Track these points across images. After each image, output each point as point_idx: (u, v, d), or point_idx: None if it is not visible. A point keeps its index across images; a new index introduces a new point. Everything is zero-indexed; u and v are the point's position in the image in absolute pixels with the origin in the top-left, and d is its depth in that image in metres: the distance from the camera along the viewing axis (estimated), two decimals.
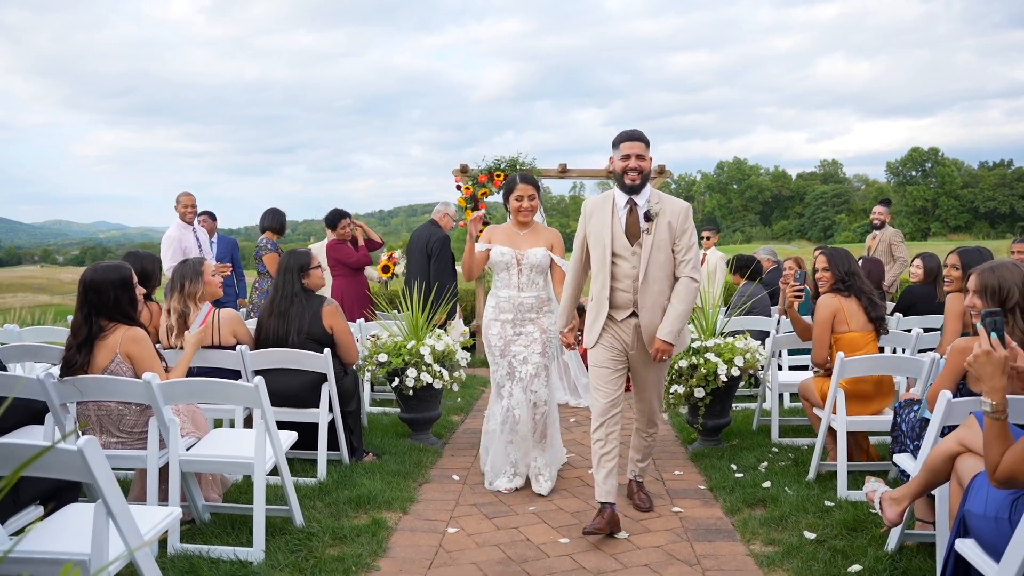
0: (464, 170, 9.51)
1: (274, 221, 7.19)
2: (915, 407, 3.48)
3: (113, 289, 3.39)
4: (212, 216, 7.98)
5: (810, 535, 3.50)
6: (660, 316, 3.71)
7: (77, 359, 3.36)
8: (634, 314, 3.74)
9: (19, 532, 2.75)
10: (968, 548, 2.31)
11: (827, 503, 3.88)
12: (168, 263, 6.75)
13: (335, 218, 7.39)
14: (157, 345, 3.92)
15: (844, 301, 4.39)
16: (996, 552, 2.10)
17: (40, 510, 2.77)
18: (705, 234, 9.30)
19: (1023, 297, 2.69)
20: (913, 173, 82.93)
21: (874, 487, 2.95)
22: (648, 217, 3.69)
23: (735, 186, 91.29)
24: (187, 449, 3.46)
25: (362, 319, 6.33)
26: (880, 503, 2.82)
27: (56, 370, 3.48)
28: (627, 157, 3.72)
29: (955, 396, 2.93)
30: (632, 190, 3.73)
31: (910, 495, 2.76)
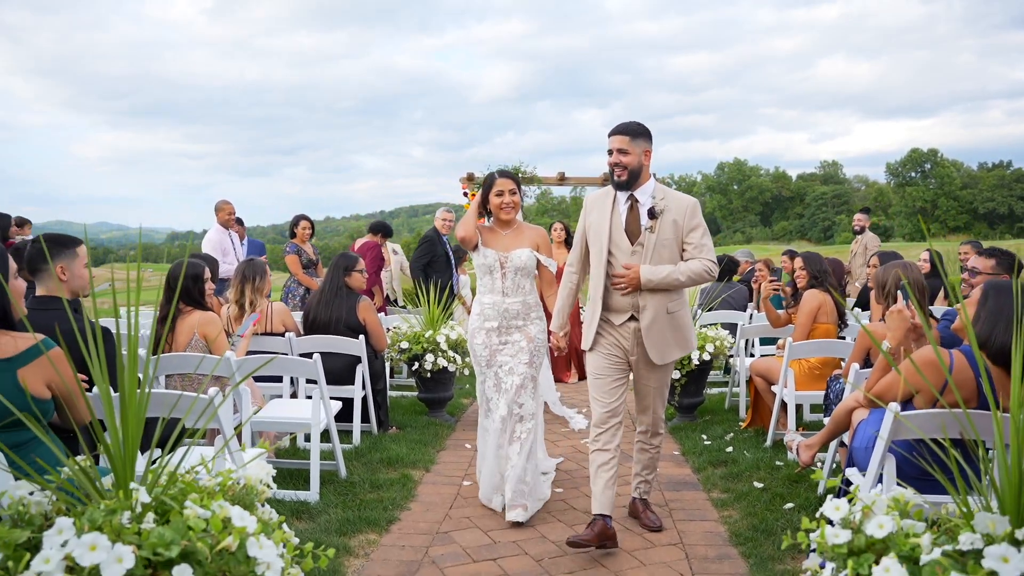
0: (470, 178, 10.40)
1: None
2: (840, 380, 4.30)
3: (187, 279, 4.29)
4: (240, 221, 8.79)
5: (759, 485, 4.32)
6: (663, 320, 3.48)
7: (160, 331, 4.26)
8: (633, 317, 3.50)
9: None
10: (852, 473, 3.11)
11: (777, 463, 4.69)
12: None
13: (386, 232, 8.51)
14: None
15: (825, 297, 5.17)
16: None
17: (159, 451, 3.59)
18: None
19: (894, 287, 3.56)
20: (912, 174, 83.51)
21: (793, 437, 3.78)
22: (652, 214, 3.43)
23: (735, 187, 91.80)
24: (254, 413, 4.28)
25: (382, 313, 7.18)
26: (797, 449, 3.64)
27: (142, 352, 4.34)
28: (610, 152, 3.49)
29: (862, 368, 3.75)
30: (620, 187, 3.49)
31: (819, 442, 3.58)
